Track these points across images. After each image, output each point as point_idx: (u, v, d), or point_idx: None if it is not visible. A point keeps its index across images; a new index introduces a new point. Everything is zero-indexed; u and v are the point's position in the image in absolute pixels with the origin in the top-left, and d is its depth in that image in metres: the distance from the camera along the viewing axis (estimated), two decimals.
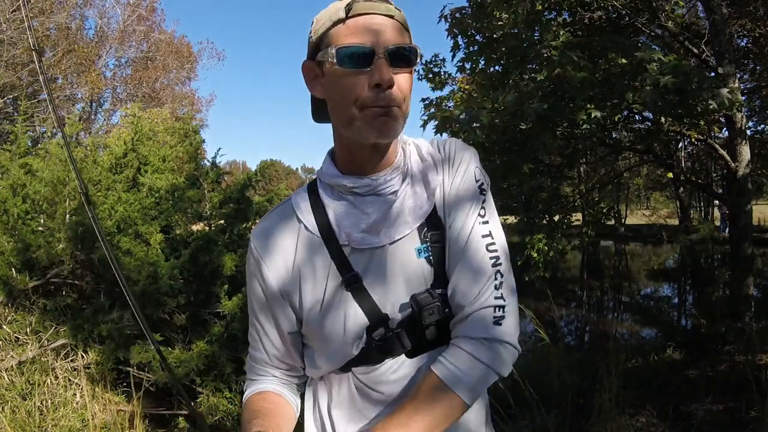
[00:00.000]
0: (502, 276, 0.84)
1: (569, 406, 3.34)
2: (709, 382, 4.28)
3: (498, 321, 0.82)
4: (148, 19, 18.06)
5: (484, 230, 0.86)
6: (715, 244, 15.38)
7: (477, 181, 0.90)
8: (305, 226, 0.88)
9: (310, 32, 0.86)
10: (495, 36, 5.58)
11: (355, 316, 0.85)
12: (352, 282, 0.84)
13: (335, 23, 0.81)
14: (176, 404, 3.49)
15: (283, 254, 0.88)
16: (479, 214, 0.87)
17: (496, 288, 0.83)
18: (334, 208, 0.88)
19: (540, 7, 5.28)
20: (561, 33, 4.88)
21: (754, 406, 3.50)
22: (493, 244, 0.86)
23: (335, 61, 0.79)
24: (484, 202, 0.89)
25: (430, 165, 0.91)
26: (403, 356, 0.87)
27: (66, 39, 14.55)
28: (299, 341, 0.93)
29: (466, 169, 0.90)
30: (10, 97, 13.02)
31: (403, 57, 0.80)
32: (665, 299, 10.53)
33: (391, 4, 0.83)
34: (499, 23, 5.50)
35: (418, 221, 0.86)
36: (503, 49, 5.41)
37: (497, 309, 0.82)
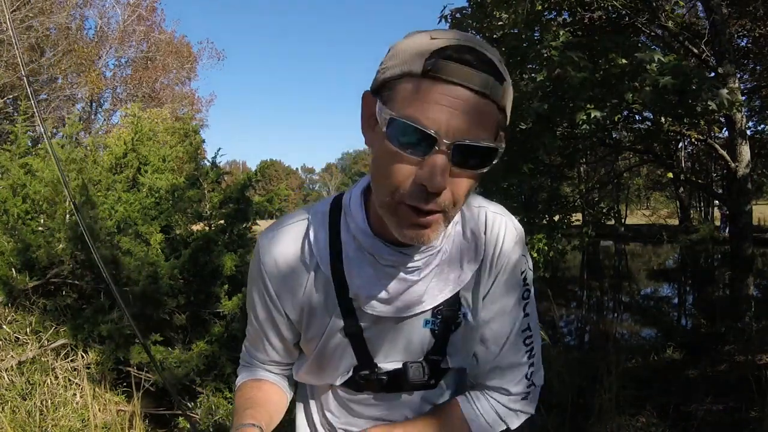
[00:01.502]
0: (533, 356, 0.89)
1: (569, 406, 3.35)
2: (709, 382, 4.28)
3: (530, 389, 0.90)
4: (148, 19, 18.07)
5: (524, 325, 0.87)
6: (715, 244, 15.38)
7: (521, 273, 0.86)
8: (319, 263, 0.81)
9: (382, 62, 0.68)
10: (495, 36, 5.59)
11: (347, 357, 0.86)
12: (352, 332, 0.83)
13: (407, 74, 0.63)
14: (176, 404, 3.50)
15: (294, 282, 0.83)
16: (522, 309, 0.87)
17: (529, 367, 0.89)
18: (351, 260, 0.79)
19: (540, 7, 5.29)
20: (561, 33, 4.89)
21: (754, 406, 3.50)
22: (530, 336, 0.88)
23: (385, 130, 0.63)
24: (526, 296, 0.87)
25: (470, 248, 0.81)
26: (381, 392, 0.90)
27: (66, 39, 14.54)
28: (298, 348, 0.94)
29: (513, 265, 0.84)
30: (10, 97, 13.01)
31: (472, 157, 0.62)
32: (665, 299, 10.52)
33: (491, 74, 0.62)
34: (499, 23, 5.50)
35: (435, 303, 0.81)
36: (503, 49, 5.41)
37: (532, 387, 0.90)
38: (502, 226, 0.83)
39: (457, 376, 0.93)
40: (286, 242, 0.82)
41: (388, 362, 0.86)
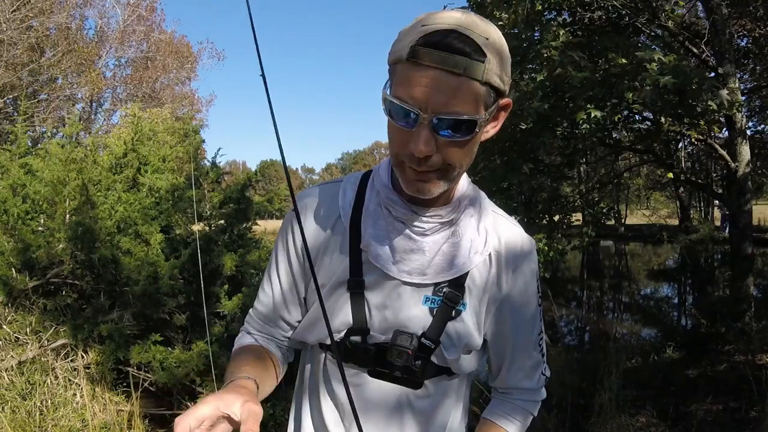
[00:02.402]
0: (545, 356, 0.99)
1: (569, 406, 3.35)
2: (709, 382, 4.28)
3: (545, 382, 1.01)
4: (147, 19, 18.07)
5: (540, 328, 0.96)
6: (715, 244, 15.38)
7: (537, 281, 0.95)
8: (342, 215, 0.89)
9: (391, 46, 0.78)
10: None
11: (343, 313, 0.87)
12: (355, 287, 0.87)
13: (399, 60, 0.73)
14: (176, 404, 3.50)
15: (317, 231, 0.91)
16: (539, 315, 0.96)
17: (544, 363, 0.99)
18: (369, 212, 0.88)
19: (540, 7, 5.28)
20: (561, 33, 4.89)
21: (754, 406, 3.51)
22: (543, 336, 0.98)
23: (384, 107, 0.75)
24: (540, 302, 0.96)
25: (481, 242, 0.88)
26: (366, 372, 0.90)
27: (66, 39, 14.54)
28: (304, 307, 0.95)
29: (534, 274, 0.93)
30: (10, 97, 13.01)
31: (452, 128, 0.71)
32: (665, 299, 10.52)
33: (466, 55, 0.69)
34: (499, 23, 5.50)
35: (437, 280, 0.86)
36: None
37: (546, 378, 1.00)
38: (521, 236, 0.93)
39: (445, 388, 0.93)
40: (319, 197, 0.93)
41: (379, 333, 0.87)
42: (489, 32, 0.72)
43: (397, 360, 0.85)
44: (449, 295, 0.86)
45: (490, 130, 0.80)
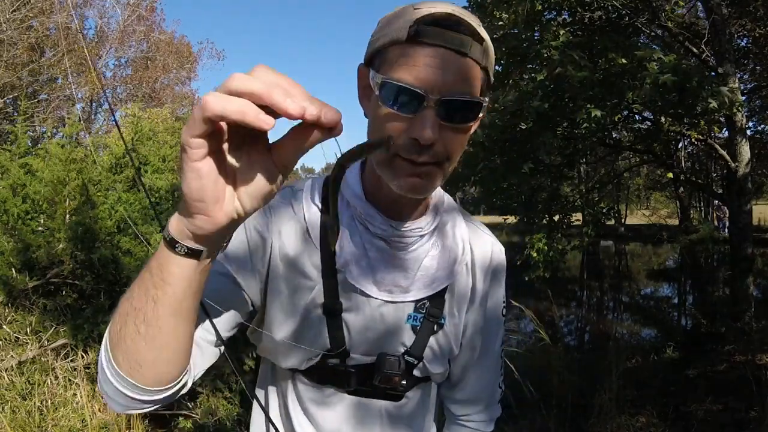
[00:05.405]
0: (503, 368, 0.96)
1: (569, 406, 3.35)
2: (709, 382, 4.28)
3: (501, 395, 0.98)
4: (147, 19, 18.06)
5: (501, 339, 0.94)
6: (715, 244, 15.37)
7: (503, 299, 0.92)
8: (309, 232, 0.78)
9: (373, 34, 0.72)
10: (495, 36, 5.59)
11: (319, 337, 0.80)
12: (332, 310, 0.79)
13: (395, 42, 0.66)
14: (176, 404, 3.49)
15: (281, 247, 0.78)
16: (503, 326, 0.94)
17: (500, 383, 0.97)
18: (343, 230, 0.78)
19: (540, 7, 5.29)
20: (561, 33, 4.89)
21: (754, 406, 3.51)
22: (502, 354, 0.96)
23: (377, 93, 0.66)
24: (504, 310, 0.94)
25: (458, 251, 0.84)
26: (345, 392, 0.85)
27: (66, 39, 14.53)
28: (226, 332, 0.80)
29: (502, 287, 0.91)
30: (10, 97, 13.00)
31: (458, 111, 0.66)
32: (665, 299, 10.51)
33: (469, 36, 0.66)
34: (499, 23, 5.50)
35: (419, 297, 0.81)
36: (503, 49, 5.42)
37: (502, 391, 0.98)
38: (493, 245, 0.89)
39: (421, 394, 0.92)
40: (281, 205, 0.80)
41: (360, 355, 0.82)
42: (476, 20, 0.70)
43: (382, 383, 0.81)
44: (431, 311, 0.82)
45: (473, 126, 0.74)
